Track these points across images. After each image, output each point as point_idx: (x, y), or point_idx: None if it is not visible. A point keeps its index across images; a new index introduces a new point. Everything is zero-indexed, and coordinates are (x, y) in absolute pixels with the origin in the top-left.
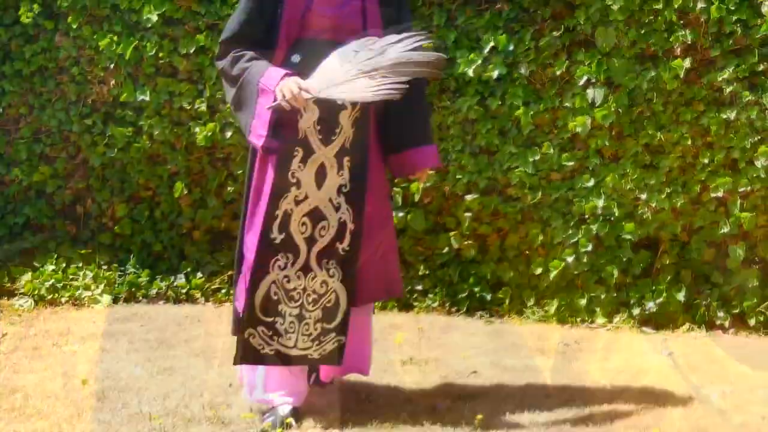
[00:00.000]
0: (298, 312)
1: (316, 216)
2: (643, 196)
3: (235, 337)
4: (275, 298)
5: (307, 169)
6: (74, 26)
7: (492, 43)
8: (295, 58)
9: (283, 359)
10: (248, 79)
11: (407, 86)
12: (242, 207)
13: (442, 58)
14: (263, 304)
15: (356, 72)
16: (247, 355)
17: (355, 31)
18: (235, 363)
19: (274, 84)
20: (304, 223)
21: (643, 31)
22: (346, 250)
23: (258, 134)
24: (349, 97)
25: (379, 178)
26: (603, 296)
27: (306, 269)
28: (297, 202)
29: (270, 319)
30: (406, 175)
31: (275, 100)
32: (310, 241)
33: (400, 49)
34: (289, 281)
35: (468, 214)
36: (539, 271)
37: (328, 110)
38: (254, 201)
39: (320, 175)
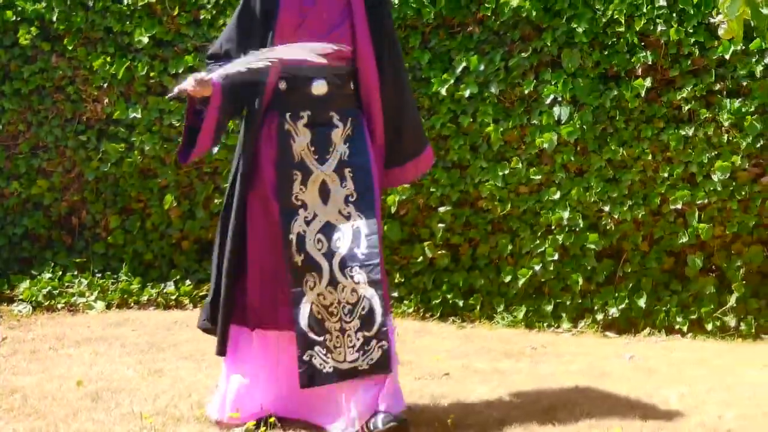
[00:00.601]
0: (339, 326)
1: (328, 230)
2: (606, 208)
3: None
4: (319, 316)
5: (309, 189)
6: (70, 48)
7: (464, 64)
8: (282, 85)
9: (340, 376)
10: None
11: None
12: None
13: (328, 48)
14: (310, 325)
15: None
16: (314, 377)
17: (345, 54)
18: (303, 387)
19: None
20: (319, 240)
21: (606, 53)
22: (365, 254)
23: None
24: (241, 66)
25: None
26: (568, 303)
27: (333, 282)
28: (307, 222)
29: (321, 338)
30: (405, 183)
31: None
32: (329, 255)
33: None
34: (324, 298)
35: (441, 225)
36: (508, 279)
37: (319, 131)
38: (263, 226)
39: (324, 192)
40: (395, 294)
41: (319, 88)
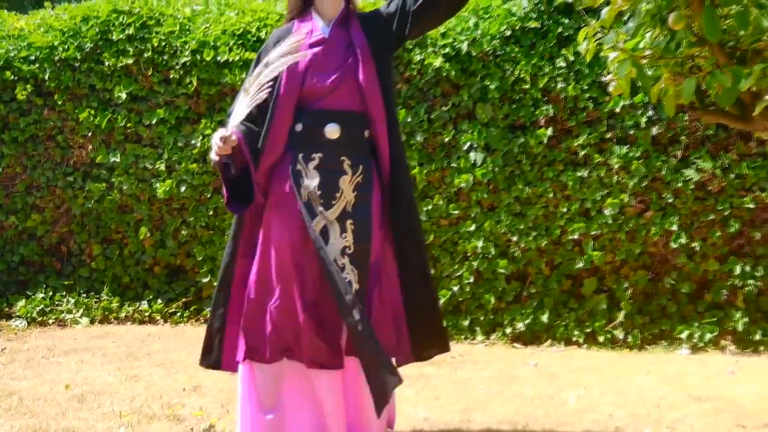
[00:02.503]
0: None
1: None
2: (514, 238)
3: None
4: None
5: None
6: (59, 102)
7: None
8: (298, 127)
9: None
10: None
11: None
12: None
13: (300, 40)
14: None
15: (244, 88)
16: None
17: (353, 94)
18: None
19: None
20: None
21: (514, 106)
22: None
23: (226, 197)
24: (247, 107)
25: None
26: (482, 318)
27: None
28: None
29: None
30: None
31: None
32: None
33: (276, 50)
34: None
35: None
36: None
37: (328, 175)
38: (262, 258)
39: (323, 237)
40: None
41: (333, 131)
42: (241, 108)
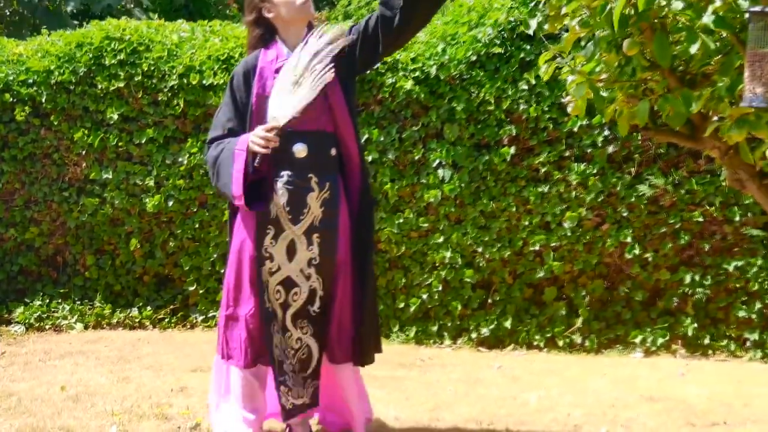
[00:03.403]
0: (291, 367)
1: (288, 284)
2: (480, 249)
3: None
4: (279, 359)
5: (279, 244)
6: (55, 123)
7: (367, 135)
8: None
9: (297, 410)
10: (225, 153)
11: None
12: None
13: (343, 29)
14: (277, 364)
15: (293, 82)
16: (292, 411)
17: (319, 115)
18: (285, 420)
19: (245, 143)
20: (278, 291)
21: (479, 126)
22: (316, 312)
23: (237, 196)
24: (301, 106)
25: (356, 249)
26: (449, 324)
27: (284, 329)
28: (271, 273)
29: (282, 377)
30: None
31: (252, 159)
32: (285, 305)
33: (312, 44)
34: (280, 342)
35: None
36: (402, 305)
37: (297, 192)
38: (236, 267)
39: (291, 250)
40: None
41: (300, 150)
42: (300, 99)
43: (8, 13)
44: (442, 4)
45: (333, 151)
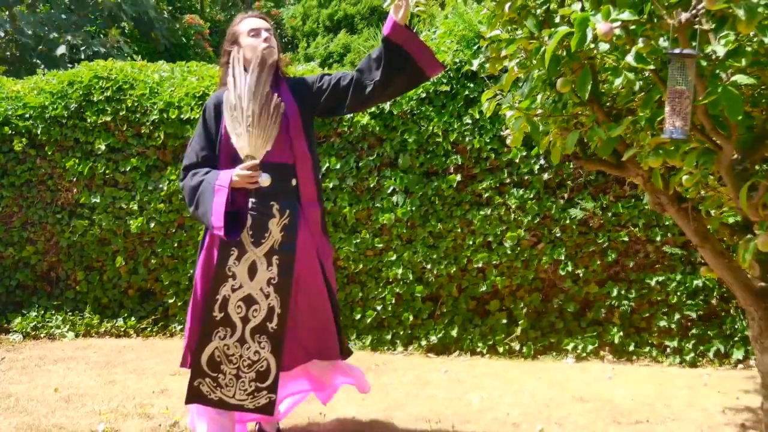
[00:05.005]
0: (236, 372)
1: (249, 301)
2: (429, 266)
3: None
4: (218, 360)
5: (241, 265)
6: (49, 153)
7: (328, 164)
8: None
9: (223, 405)
10: (205, 185)
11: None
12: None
13: (266, 61)
14: (208, 363)
15: (246, 121)
16: (195, 397)
17: (282, 148)
18: (187, 403)
19: (227, 182)
20: (239, 306)
21: (428, 156)
22: (274, 329)
23: (217, 227)
24: (271, 141)
25: (314, 268)
26: (401, 333)
27: (242, 341)
28: (233, 290)
29: (214, 374)
30: None
31: (227, 195)
32: (245, 320)
33: (241, 81)
34: (228, 348)
35: None
36: (359, 316)
37: (259, 218)
38: (202, 284)
39: (252, 270)
40: None
41: (265, 181)
42: (269, 134)
43: (8, 55)
44: (414, 87)
45: (293, 182)
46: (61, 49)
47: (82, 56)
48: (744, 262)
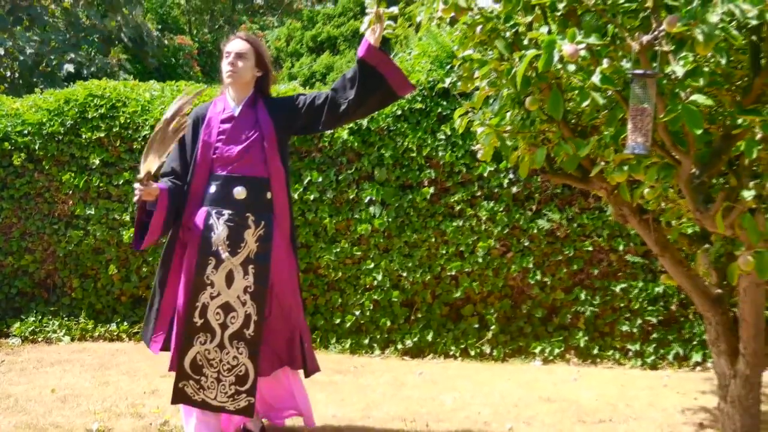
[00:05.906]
0: (216, 375)
1: (227, 308)
2: (405, 274)
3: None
4: (200, 363)
5: (219, 273)
6: (47, 167)
7: (309, 178)
8: (212, 189)
9: (206, 406)
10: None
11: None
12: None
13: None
14: (191, 366)
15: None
16: (180, 398)
17: (257, 163)
18: (172, 403)
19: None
20: (218, 312)
21: (404, 170)
22: (251, 335)
23: (135, 242)
24: (166, 155)
25: (285, 277)
26: (379, 337)
27: (221, 346)
28: (212, 297)
29: (197, 377)
30: None
31: (138, 211)
32: (223, 326)
33: (173, 106)
34: (209, 353)
35: None
36: (338, 321)
37: (236, 228)
38: (184, 292)
39: (229, 279)
40: None
41: (240, 193)
42: (150, 152)
43: (8, 75)
44: (386, 106)
45: (268, 195)
46: (69, 67)
47: (88, 74)
48: (700, 269)
